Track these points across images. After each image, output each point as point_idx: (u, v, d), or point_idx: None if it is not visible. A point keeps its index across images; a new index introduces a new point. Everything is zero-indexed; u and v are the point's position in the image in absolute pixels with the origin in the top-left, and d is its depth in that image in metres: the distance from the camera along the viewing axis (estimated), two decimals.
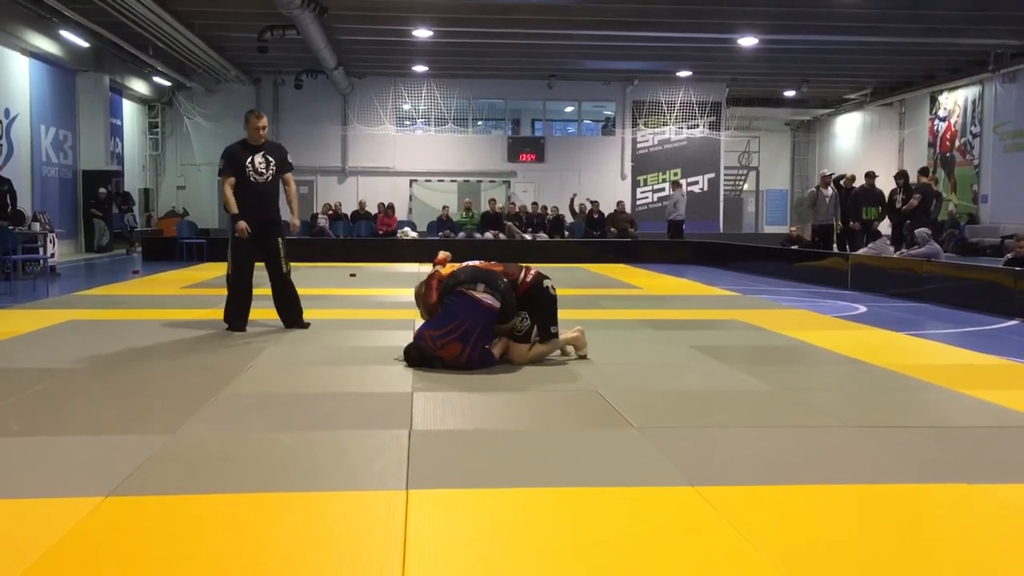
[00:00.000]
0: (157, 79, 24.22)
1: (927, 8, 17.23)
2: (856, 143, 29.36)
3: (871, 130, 28.50)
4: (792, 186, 31.96)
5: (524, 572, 2.61)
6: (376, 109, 25.61)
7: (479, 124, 27.19)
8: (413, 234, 21.74)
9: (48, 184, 19.79)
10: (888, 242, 14.41)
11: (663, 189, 26.45)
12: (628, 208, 23.76)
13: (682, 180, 25.66)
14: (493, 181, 26.76)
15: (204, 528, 2.93)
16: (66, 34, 18.59)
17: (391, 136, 25.88)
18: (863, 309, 10.13)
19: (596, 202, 22.31)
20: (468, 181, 26.63)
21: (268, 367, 5.84)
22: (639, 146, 27.02)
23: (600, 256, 18.49)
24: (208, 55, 20.69)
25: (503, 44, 20.94)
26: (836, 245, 16.33)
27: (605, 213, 22.01)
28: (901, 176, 15.85)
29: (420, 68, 24.44)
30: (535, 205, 22.80)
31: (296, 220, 7.76)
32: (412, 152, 26.16)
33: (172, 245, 18.64)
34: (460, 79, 25.25)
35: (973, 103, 23.30)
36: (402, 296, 9.82)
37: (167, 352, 6.45)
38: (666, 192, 25.51)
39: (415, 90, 25.74)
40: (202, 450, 3.86)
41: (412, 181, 26.42)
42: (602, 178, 26.59)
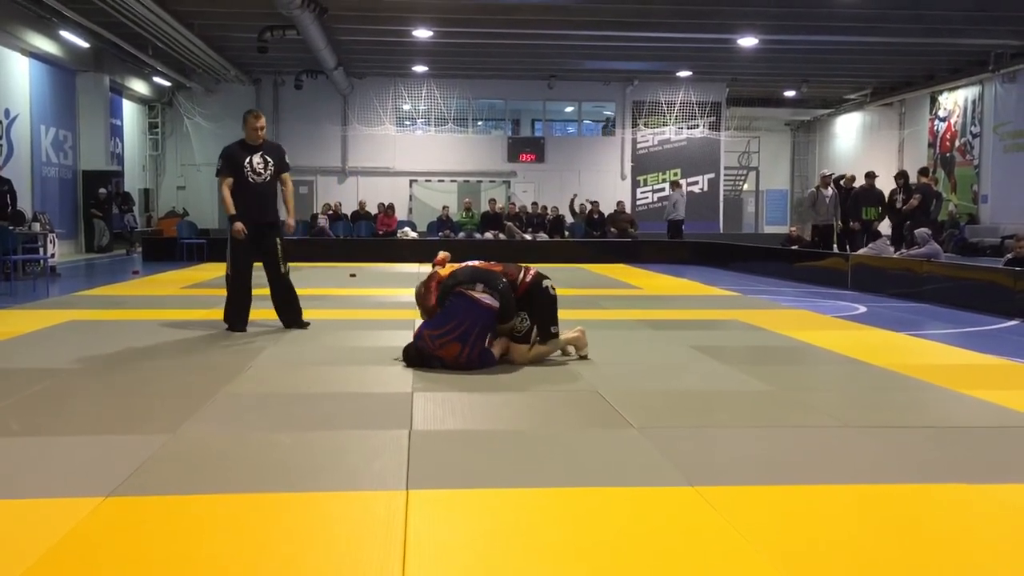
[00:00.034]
0: (157, 79, 24.22)
1: (927, 8, 17.23)
2: (856, 143, 29.35)
3: (871, 130, 28.49)
4: (792, 186, 31.97)
5: (524, 572, 2.61)
6: (376, 109, 25.62)
7: (479, 124, 27.18)
8: (413, 234, 21.74)
9: (48, 184, 19.79)
10: (888, 242, 14.41)
11: (663, 189, 26.44)
12: (628, 208, 23.77)
13: (682, 180, 25.67)
14: (493, 181, 26.77)
15: (204, 528, 2.93)
16: (66, 34, 18.59)
17: (391, 136, 25.88)
18: (863, 309, 10.13)
19: (596, 202, 22.31)
20: (468, 181, 26.64)
21: (268, 367, 5.84)
22: (639, 146, 27.02)
23: (600, 256, 18.50)
24: (208, 55, 20.69)
25: (503, 44, 20.94)
26: (836, 245, 16.33)
27: (605, 213, 22.02)
28: (901, 176, 15.84)
29: (420, 68, 24.44)
30: (535, 205, 22.80)
31: (291, 220, 7.74)
32: (412, 152, 26.16)
33: (172, 245, 18.64)
34: (460, 79, 25.24)
35: (973, 103, 23.29)
36: (402, 296, 9.82)
37: (167, 352, 6.45)
38: (666, 192, 25.50)
39: (415, 90, 25.74)
40: (202, 450, 3.86)
41: (412, 181, 26.43)
42: (602, 178, 26.60)
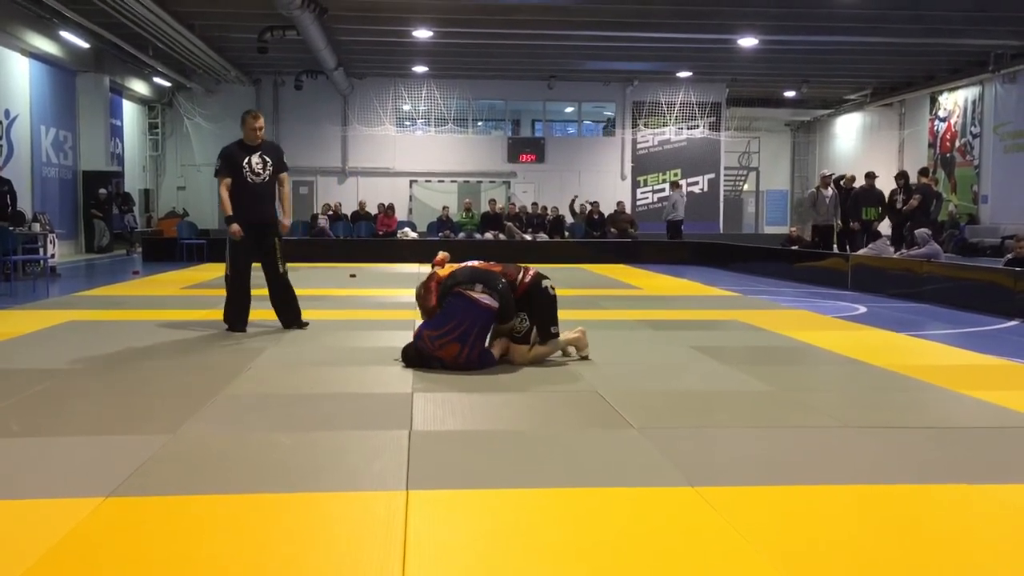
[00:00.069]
0: (157, 80, 24.22)
1: (927, 8, 17.24)
2: (856, 143, 29.35)
3: (871, 130, 28.50)
4: (792, 187, 31.96)
5: (524, 573, 2.61)
6: (376, 110, 25.62)
7: (479, 125, 27.19)
8: (413, 235, 21.75)
9: (48, 185, 19.79)
10: (888, 242, 14.41)
11: (663, 190, 26.43)
12: (628, 208, 23.78)
13: (682, 181, 25.71)
14: (493, 182, 26.77)
15: (204, 529, 2.93)
16: (66, 35, 18.60)
17: (391, 137, 25.89)
18: (863, 309, 10.13)
19: (596, 202, 22.32)
20: (468, 182, 26.64)
21: (268, 367, 5.84)
22: (639, 147, 27.02)
23: (600, 256, 18.50)
24: (208, 56, 20.69)
25: (503, 45, 20.94)
26: (836, 245, 16.33)
27: (605, 213, 22.02)
28: (901, 176, 15.85)
29: (420, 69, 24.45)
30: (535, 205, 22.80)
31: (286, 220, 7.68)
32: (412, 152, 26.17)
33: (172, 246, 18.63)
34: (460, 80, 25.24)
35: (973, 103, 23.29)
36: (402, 297, 9.82)
37: (167, 352, 6.45)
38: (666, 193, 25.50)
39: (415, 91, 25.74)
40: (202, 450, 3.86)
41: (412, 181, 26.43)
42: (602, 179, 26.60)
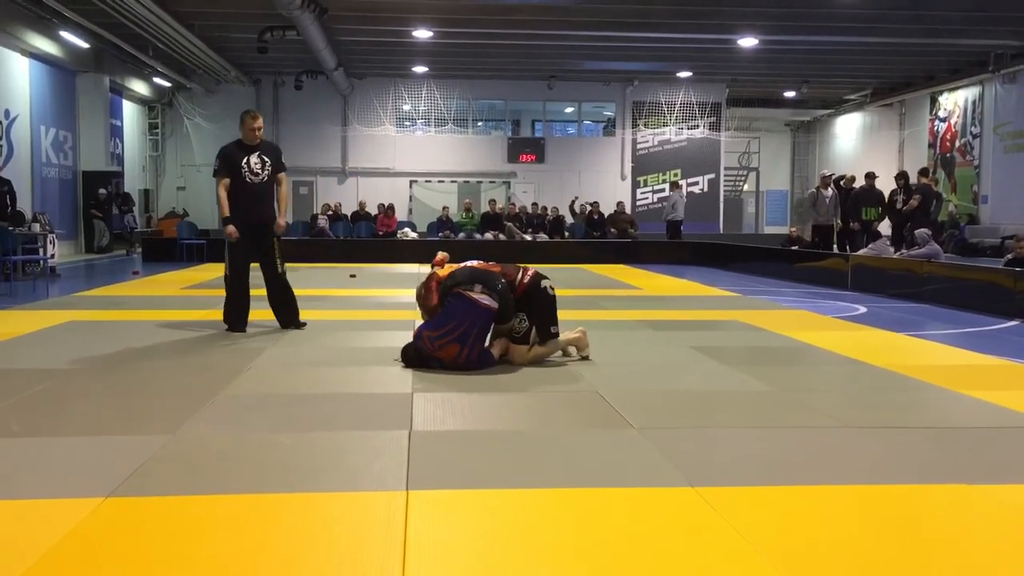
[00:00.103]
0: (157, 80, 24.22)
1: (927, 9, 17.24)
2: (856, 144, 29.35)
3: (871, 131, 28.50)
4: (792, 187, 31.97)
5: (524, 573, 2.61)
6: (376, 110, 25.62)
7: (479, 125, 27.19)
8: (413, 235, 21.75)
9: (48, 185, 19.79)
10: (888, 243, 14.41)
11: (663, 190, 26.43)
12: (628, 209, 23.78)
13: (682, 181, 25.72)
14: (493, 182, 26.77)
15: (204, 529, 2.93)
16: (66, 35, 18.60)
17: (391, 137, 25.89)
18: (863, 310, 10.13)
19: (596, 203, 22.32)
20: (468, 182, 26.64)
21: (268, 368, 5.84)
22: (639, 147, 27.02)
23: (600, 257, 18.50)
24: (208, 56, 20.69)
25: (503, 45, 20.94)
26: (836, 246, 16.33)
27: (605, 214, 22.02)
28: (901, 177, 15.85)
29: (420, 69, 24.45)
30: (535, 206, 22.80)
31: (282, 220, 7.62)
32: (412, 153, 26.17)
33: (172, 246, 18.64)
34: (460, 80, 25.25)
35: (973, 104, 23.30)
36: (402, 297, 9.83)
37: (167, 352, 6.45)
38: (666, 193, 25.50)
39: (415, 91, 25.75)
40: (202, 451, 3.86)
41: (412, 182, 26.43)
42: (602, 179, 26.60)
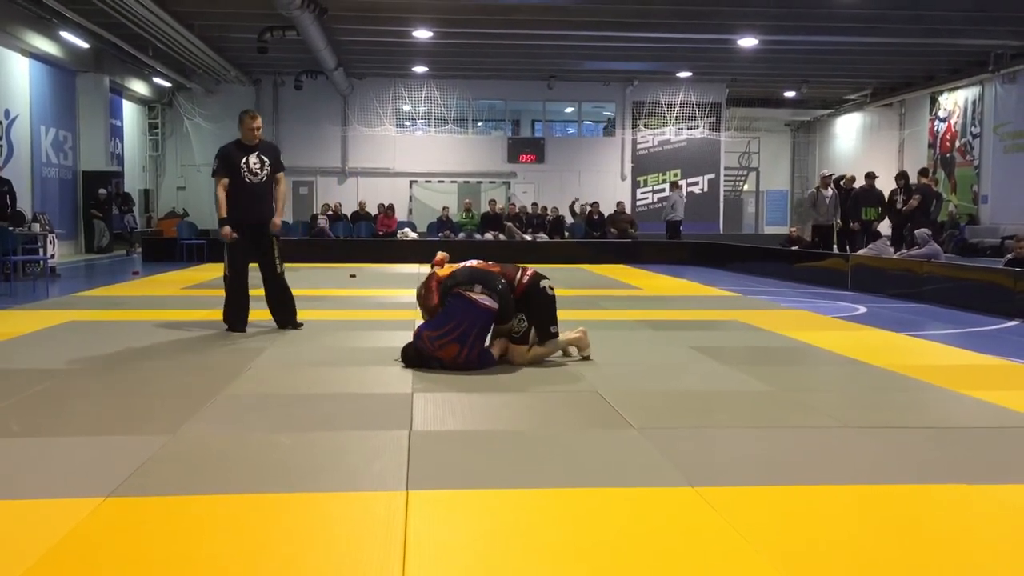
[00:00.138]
0: (157, 80, 24.21)
1: (927, 9, 17.24)
2: (856, 144, 29.35)
3: (871, 131, 28.50)
4: (792, 187, 31.96)
5: (524, 573, 2.61)
6: (376, 110, 25.62)
7: (479, 125, 27.19)
8: (413, 235, 21.74)
9: (48, 185, 19.79)
10: (888, 243, 14.41)
11: (663, 190, 26.43)
12: (628, 209, 23.77)
13: (682, 181, 25.72)
14: (493, 182, 26.77)
15: (204, 529, 2.93)
16: (66, 35, 18.60)
17: (391, 137, 25.88)
18: (863, 310, 10.13)
19: (596, 203, 22.32)
20: (468, 182, 26.64)
21: (268, 368, 5.84)
22: (639, 147, 27.02)
23: (600, 257, 18.50)
24: (208, 56, 20.69)
25: (503, 45, 20.94)
26: (836, 246, 16.33)
27: (605, 214, 22.02)
28: (901, 177, 15.85)
29: (420, 69, 24.45)
30: (535, 206, 22.80)
31: (278, 219, 7.57)
32: (412, 153, 26.17)
33: (172, 246, 18.64)
34: (460, 80, 25.25)
35: (973, 104, 23.30)
36: (402, 297, 9.83)
37: (167, 352, 6.45)
38: (666, 193, 25.50)
39: (415, 91, 25.75)
40: (202, 451, 3.86)
41: (412, 182, 26.43)
42: (602, 179, 26.60)
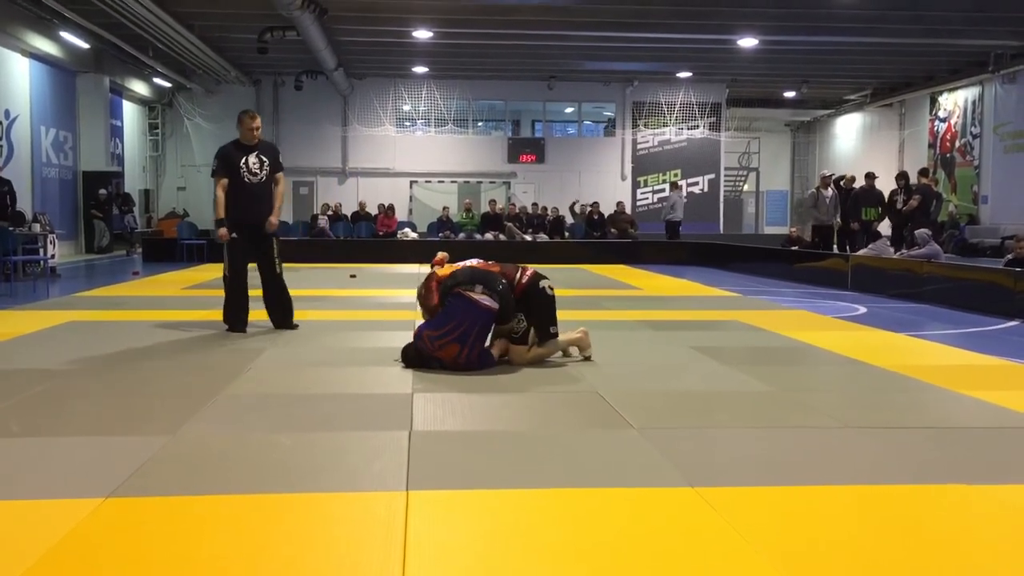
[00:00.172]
0: (157, 80, 24.21)
1: (927, 9, 17.24)
2: (856, 144, 29.35)
3: (871, 131, 28.49)
4: (792, 187, 31.95)
5: (524, 573, 2.61)
6: (376, 110, 25.63)
7: (479, 125, 27.19)
8: (413, 235, 21.74)
9: (48, 185, 19.79)
10: (888, 243, 14.41)
11: (663, 190, 26.43)
12: (628, 209, 23.78)
13: (682, 181, 25.73)
14: (493, 182, 26.77)
15: (204, 529, 2.93)
16: (66, 35, 18.60)
17: (391, 137, 25.89)
18: (863, 310, 10.13)
19: (596, 203, 22.32)
20: (468, 182, 26.64)
21: (268, 368, 5.84)
22: (639, 147, 27.02)
23: (600, 257, 18.50)
24: (208, 56, 20.69)
25: (503, 45, 20.94)
26: (836, 246, 16.33)
27: (605, 214, 22.02)
28: (902, 177, 15.85)
29: (420, 69, 24.45)
30: (535, 206, 22.80)
31: (274, 219, 7.53)
32: (412, 153, 26.17)
33: (172, 246, 18.64)
34: (460, 80, 25.25)
35: (973, 104, 23.29)
36: (402, 297, 9.83)
37: (167, 353, 6.45)
38: (666, 193, 25.50)
39: (415, 91, 25.75)
40: (202, 451, 3.86)
41: (412, 182, 26.43)
42: (602, 179, 26.60)
